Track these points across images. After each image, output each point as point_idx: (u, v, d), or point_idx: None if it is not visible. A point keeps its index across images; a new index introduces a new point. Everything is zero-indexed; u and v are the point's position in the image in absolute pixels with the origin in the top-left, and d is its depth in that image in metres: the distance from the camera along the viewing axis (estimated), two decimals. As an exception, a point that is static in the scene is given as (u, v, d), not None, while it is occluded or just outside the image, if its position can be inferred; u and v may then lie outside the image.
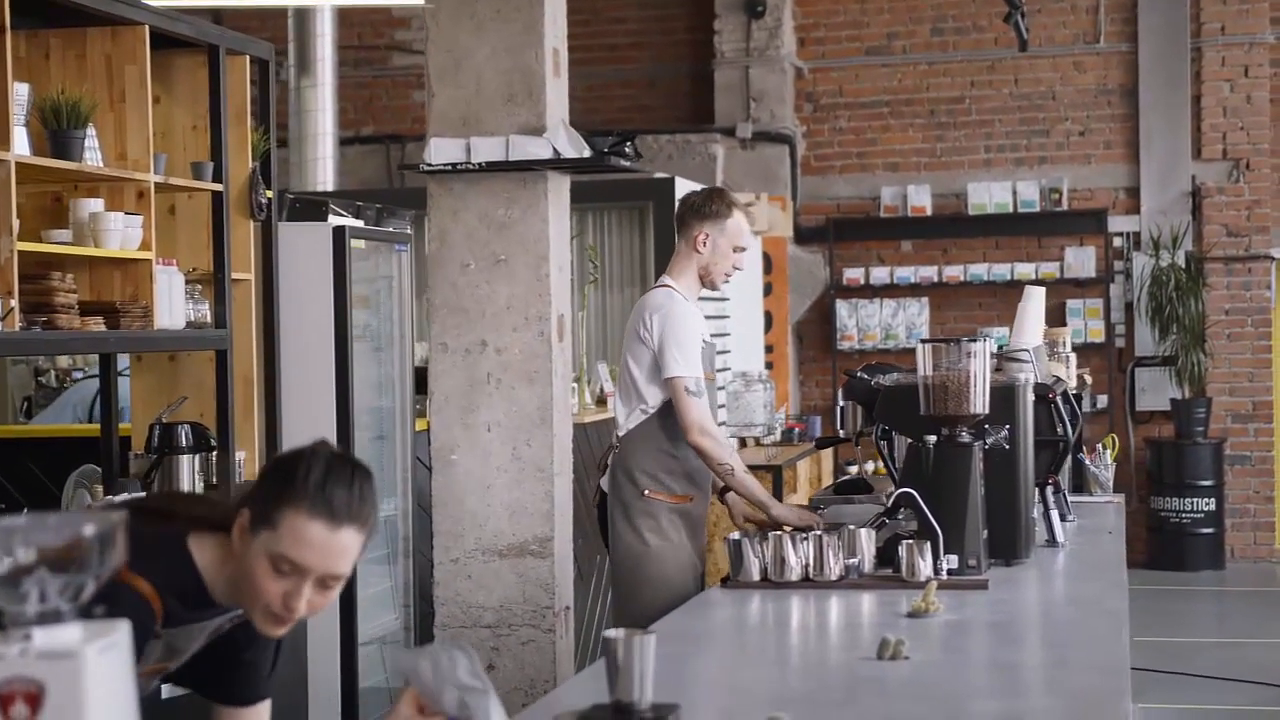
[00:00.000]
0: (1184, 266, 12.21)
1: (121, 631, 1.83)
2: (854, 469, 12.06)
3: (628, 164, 5.96)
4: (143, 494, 5.02)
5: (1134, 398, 12.57)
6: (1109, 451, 6.46)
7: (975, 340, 4.44)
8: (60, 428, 7.05)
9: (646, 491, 5.15)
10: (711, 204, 5.26)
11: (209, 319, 5.56)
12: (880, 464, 11.84)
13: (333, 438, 6.22)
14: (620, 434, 5.26)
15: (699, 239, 5.23)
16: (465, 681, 2.56)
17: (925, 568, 4.18)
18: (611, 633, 2.76)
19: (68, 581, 1.80)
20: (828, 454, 11.26)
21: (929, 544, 4.23)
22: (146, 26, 5.19)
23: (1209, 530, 12.14)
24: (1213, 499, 12.12)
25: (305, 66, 10.90)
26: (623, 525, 5.18)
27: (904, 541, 4.25)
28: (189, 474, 5.41)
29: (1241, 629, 10.34)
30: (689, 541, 5.21)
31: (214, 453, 5.55)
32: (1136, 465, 12.53)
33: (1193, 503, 12.10)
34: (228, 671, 2.83)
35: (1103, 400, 12.45)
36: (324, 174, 10.86)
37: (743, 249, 5.28)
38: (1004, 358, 5.15)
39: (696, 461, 5.20)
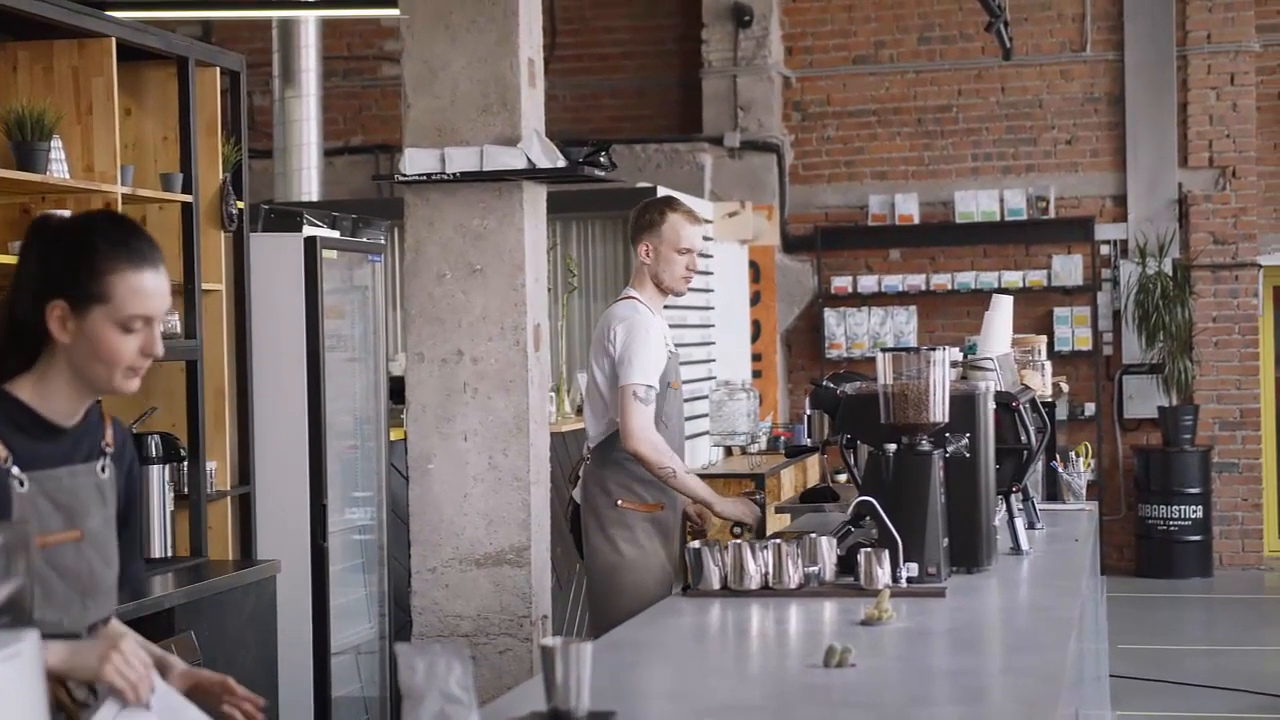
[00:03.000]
0: (1171, 274, 12.22)
1: (27, 642, 1.85)
2: (843, 477, 12.07)
3: (602, 174, 5.98)
4: None
5: (1122, 405, 12.58)
6: (1082, 459, 6.47)
7: (935, 349, 4.45)
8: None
9: (620, 502, 5.24)
10: (646, 214, 5.40)
11: (179, 330, 5.57)
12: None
13: (306, 447, 6.24)
14: (591, 445, 5.33)
15: (642, 250, 5.36)
16: (453, 692, 2.60)
17: (884, 576, 4.19)
18: (548, 641, 2.78)
19: (-29, 591, 1.82)
20: (814, 462, 11.28)
21: (888, 552, 4.24)
22: (113, 39, 5.21)
23: (1197, 538, 12.15)
24: (1200, 506, 12.13)
25: (290, 77, 10.93)
26: (597, 536, 5.24)
27: (863, 550, 4.26)
28: (159, 484, 5.43)
29: (1228, 636, 10.34)
30: (662, 549, 5.27)
31: (184, 463, 5.57)
32: (1124, 473, 12.54)
33: (1180, 510, 12.11)
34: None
35: (1090, 408, 12.46)
36: (308, 184, 10.88)
37: (688, 250, 5.35)
38: (968, 366, 5.17)
39: None
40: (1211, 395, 12.45)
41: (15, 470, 2.62)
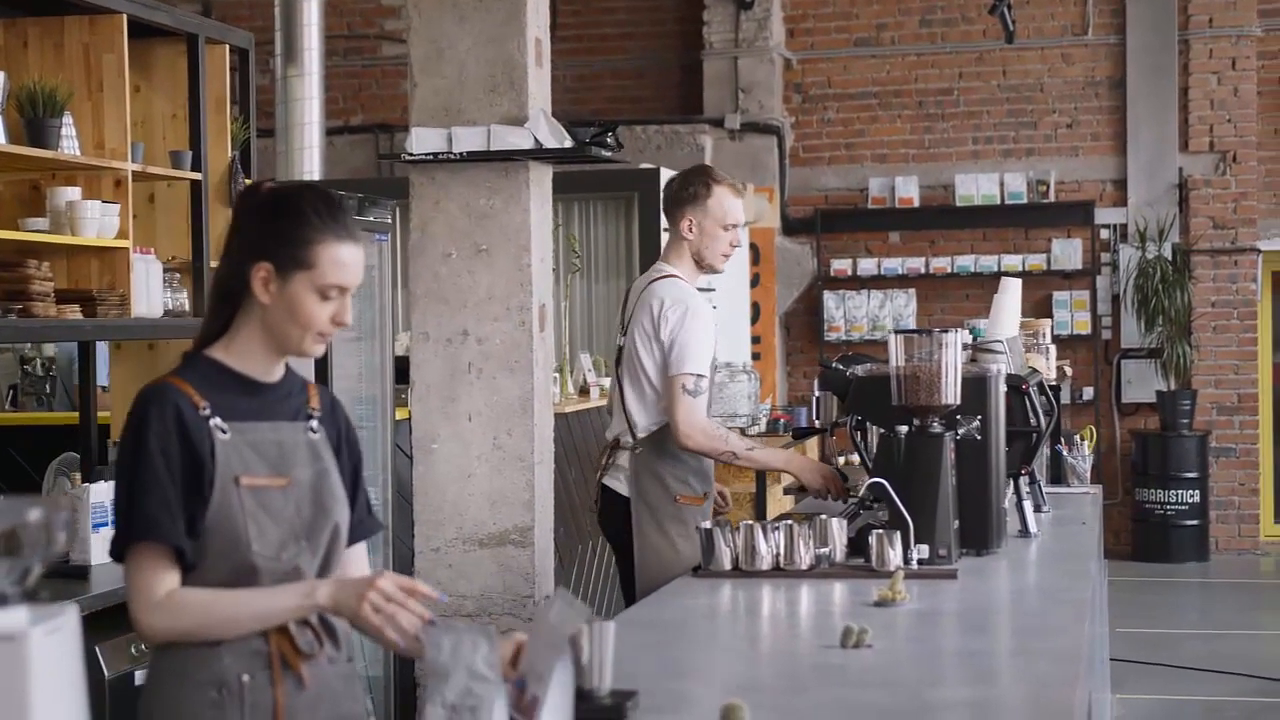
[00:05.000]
0: (1170, 259, 12.24)
1: (67, 616, 1.85)
2: (842, 460, 12.08)
3: (609, 154, 5.98)
4: None
5: (1120, 389, 12.60)
6: (1086, 443, 6.48)
7: (947, 331, 4.45)
8: (42, 415, 7.06)
9: (678, 497, 5.07)
10: (689, 186, 5.15)
11: (187, 307, 5.57)
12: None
13: (312, 426, 6.22)
14: (639, 434, 5.10)
15: (684, 225, 5.14)
16: (479, 669, 2.61)
17: (895, 557, 4.20)
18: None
19: (12, 565, 1.82)
20: (813, 444, 11.29)
21: (899, 534, 4.25)
22: (124, 15, 5.20)
23: (1194, 522, 12.18)
24: (1197, 491, 12.16)
25: (292, 55, 10.83)
26: (652, 531, 5.06)
27: (874, 531, 4.26)
28: (167, 462, 5.42)
29: (1225, 620, 10.37)
30: None
31: (192, 441, 5.56)
32: (1122, 457, 12.56)
33: (1178, 494, 12.14)
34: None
35: (1089, 392, 12.48)
36: (310, 163, 10.79)
37: (733, 225, 5.14)
38: (978, 349, 5.17)
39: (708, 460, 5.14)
40: (1210, 380, 12.47)
41: (216, 420, 2.78)
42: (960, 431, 4.50)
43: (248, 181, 5.96)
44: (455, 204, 5.64)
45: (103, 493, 5.13)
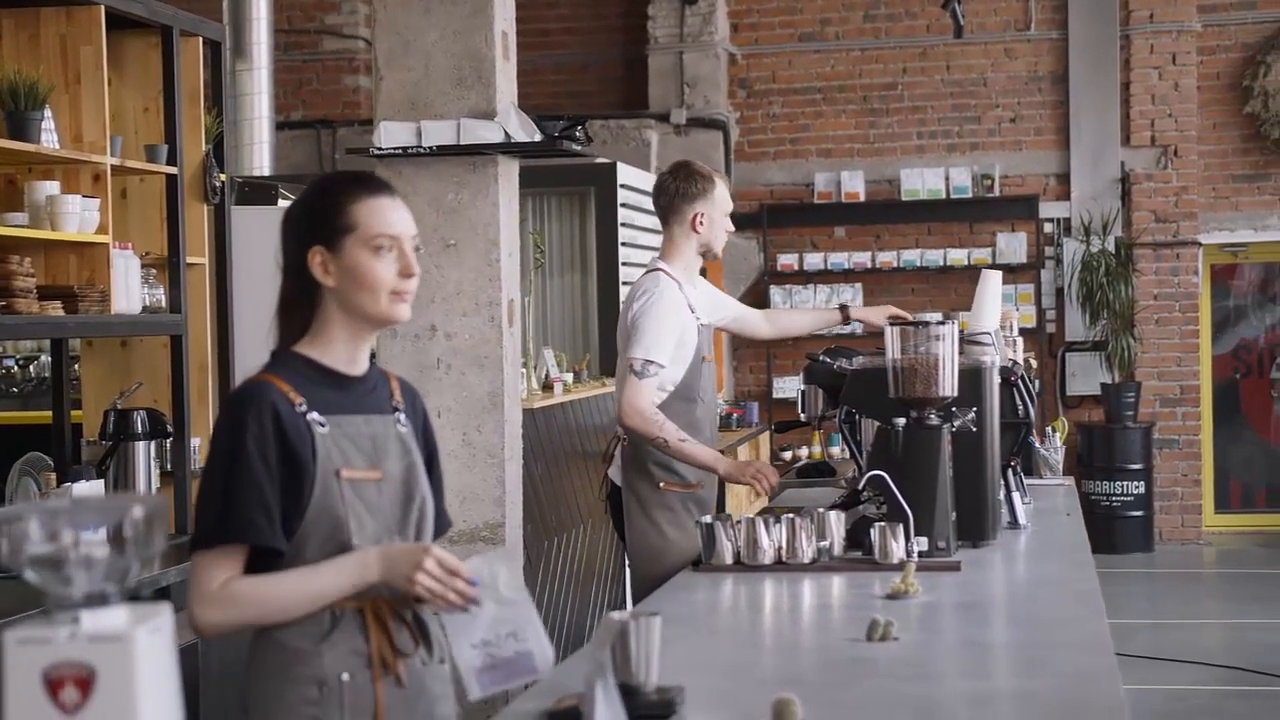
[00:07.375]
0: (1114, 252, 12.34)
1: (164, 615, 1.81)
2: (787, 455, 12.11)
3: (579, 148, 5.96)
4: None
5: (1065, 382, 12.70)
6: (1058, 435, 6.52)
7: (944, 323, 4.46)
8: (8, 415, 6.95)
9: (662, 484, 5.11)
10: (696, 183, 5.23)
11: (164, 303, 5.49)
12: (818, 448, 11.90)
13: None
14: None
15: (695, 220, 5.22)
16: (504, 595, 2.61)
17: (899, 550, 4.20)
18: (618, 615, 2.76)
19: (114, 564, 1.78)
20: (765, 439, 11.31)
21: (900, 526, 4.24)
22: (102, 7, 5.11)
23: (1138, 513, 12.29)
24: (1142, 482, 12.27)
25: (241, 50, 10.78)
26: (640, 519, 5.11)
27: (876, 524, 4.26)
28: (144, 460, 5.35)
29: (1172, 610, 10.47)
30: None
31: (169, 439, 5.48)
32: (1067, 449, 12.63)
33: (1122, 486, 12.24)
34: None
35: (1034, 385, 12.55)
36: (260, 158, 10.75)
37: (729, 210, 5.33)
38: (966, 341, 5.17)
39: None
40: (1153, 372, 12.58)
41: (314, 415, 2.79)
42: (956, 423, 4.50)
43: (221, 176, 5.88)
44: (422, 198, 5.61)
45: (84, 493, 5.05)
